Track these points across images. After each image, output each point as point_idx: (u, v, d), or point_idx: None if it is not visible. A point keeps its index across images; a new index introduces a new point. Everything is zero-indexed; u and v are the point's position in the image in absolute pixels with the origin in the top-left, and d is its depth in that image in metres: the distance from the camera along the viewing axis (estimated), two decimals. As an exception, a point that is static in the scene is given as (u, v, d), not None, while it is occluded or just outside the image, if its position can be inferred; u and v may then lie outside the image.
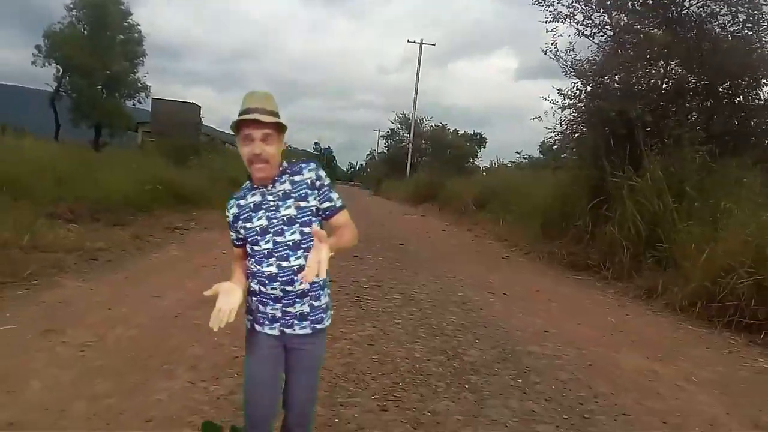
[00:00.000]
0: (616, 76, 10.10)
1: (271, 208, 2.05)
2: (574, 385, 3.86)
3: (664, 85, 10.23)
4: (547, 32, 10.30)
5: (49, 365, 3.62)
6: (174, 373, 3.61)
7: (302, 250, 2.01)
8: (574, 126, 10.66)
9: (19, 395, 3.17)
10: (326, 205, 2.09)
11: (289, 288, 2.03)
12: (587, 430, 3.19)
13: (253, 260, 2.08)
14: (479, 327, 5.16)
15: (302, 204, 2.05)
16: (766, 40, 9.64)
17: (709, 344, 5.28)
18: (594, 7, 10.68)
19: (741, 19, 9.68)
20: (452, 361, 4.14)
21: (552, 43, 10.25)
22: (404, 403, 3.30)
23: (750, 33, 9.57)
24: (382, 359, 4.03)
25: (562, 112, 10.41)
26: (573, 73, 10.23)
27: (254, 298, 2.11)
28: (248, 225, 2.07)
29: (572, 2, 10.60)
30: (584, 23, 10.71)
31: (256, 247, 2.06)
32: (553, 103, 10.56)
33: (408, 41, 39.03)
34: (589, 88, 10.27)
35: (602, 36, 10.79)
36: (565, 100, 10.27)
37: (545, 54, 10.33)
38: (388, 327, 4.90)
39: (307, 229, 2.03)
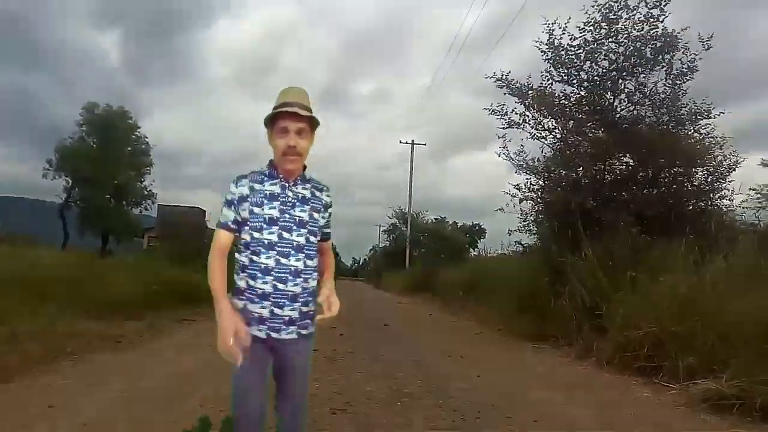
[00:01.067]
0: (563, 172, 12.18)
1: (288, 203, 2.19)
2: (480, 403, 5.51)
3: (607, 176, 12.28)
4: (498, 138, 12.51)
5: (100, 401, 5.30)
6: (177, 398, 5.26)
7: (303, 254, 2.17)
8: (530, 216, 12.63)
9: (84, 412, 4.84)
10: (327, 230, 2.34)
11: (280, 286, 2.12)
12: (474, 422, 4.82)
13: (249, 251, 2.16)
14: (425, 375, 6.84)
15: (315, 215, 2.24)
16: (689, 135, 11.81)
17: (611, 384, 6.90)
18: (544, 114, 12.96)
19: (665, 120, 11.88)
20: (393, 392, 5.82)
21: (503, 147, 12.43)
22: (347, 411, 4.97)
23: (674, 130, 11.71)
24: (340, 391, 5.70)
25: (519, 203, 12.39)
26: (525, 170, 12.32)
27: (241, 297, 2.19)
28: (257, 210, 2.15)
29: (523, 111, 12.88)
30: (536, 128, 12.95)
31: (257, 235, 2.15)
32: (513, 197, 12.60)
33: (400, 142, 42.22)
34: (540, 183, 12.34)
35: (552, 138, 13.00)
36: (520, 193, 12.30)
37: (498, 156, 12.50)
38: (351, 375, 6.58)
39: (312, 238, 2.22)
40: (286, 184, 2.20)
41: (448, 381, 6.54)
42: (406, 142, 42.12)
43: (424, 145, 44.52)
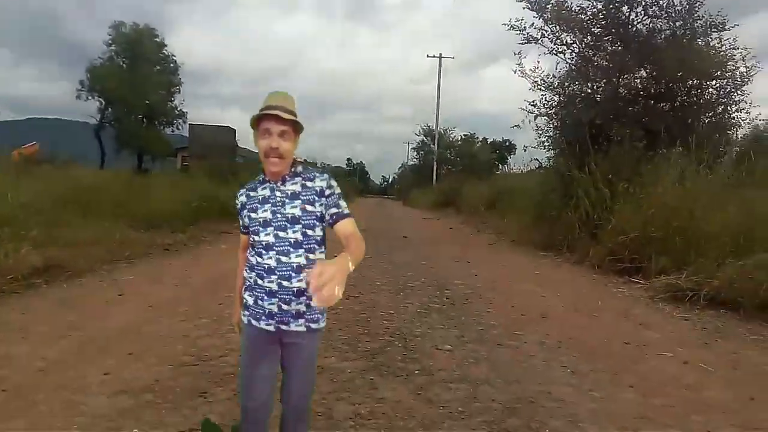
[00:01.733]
0: (579, 88, 12.85)
1: (278, 204, 2.28)
2: (471, 294, 6.78)
3: (622, 91, 12.90)
4: (514, 54, 13.13)
5: (160, 291, 6.71)
6: (221, 288, 6.62)
7: (303, 250, 2.24)
8: (546, 132, 13.43)
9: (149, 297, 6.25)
10: (333, 210, 2.27)
11: (285, 283, 2.22)
12: (461, 306, 6.08)
13: (254, 252, 2.32)
14: (430, 273, 8.15)
15: (308, 208, 2.27)
16: (705, 47, 12.26)
17: (593, 282, 8.09)
18: (563, 28, 13.43)
19: (680, 33, 12.32)
20: (399, 285, 7.16)
21: (518, 63, 13.08)
22: (359, 297, 6.28)
23: (686, 41, 12.15)
24: (354, 282, 7.01)
25: (534, 119, 13.19)
26: (540, 87, 13.02)
27: (250, 293, 2.33)
28: (253, 215, 2.31)
29: (542, 26, 13.38)
30: (554, 42, 13.46)
31: (256, 238, 2.29)
32: (529, 113, 13.37)
33: (427, 56, 41.97)
34: (556, 99, 13.06)
35: (570, 53, 13.54)
36: (535, 110, 13.07)
37: (514, 72, 13.16)
38: (365, 272, 7.90)
39: (310, 232, 2.26)
40: (274, 186, 2.31)
41: (449, 278, 7.81)
42: (434, 56, 41.95)
43: (452, 58, 44.52)
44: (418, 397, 3.53)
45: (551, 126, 13.46)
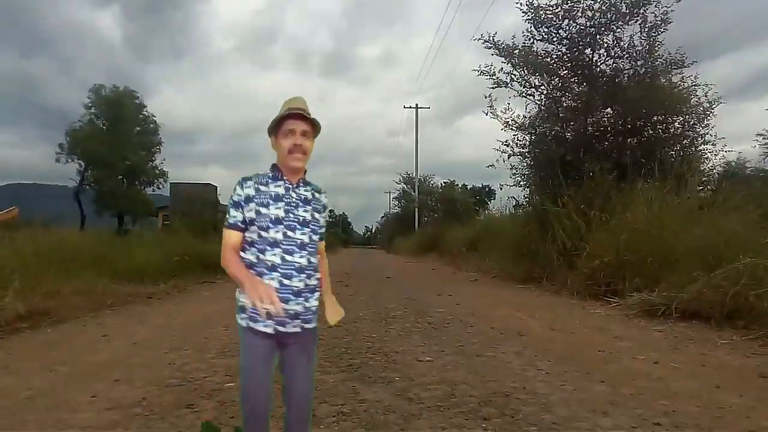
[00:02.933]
0: (548, 127, 13.37)
1: (292, 204, 2.33)
2: (452, 319, 6.95)
3: (590, 129, 13.44)
4: (485, 97, 13.68)
5: (144, 331, 6.79)
6: (205, 327, 6.73)
7: (306, 252, 2.32)
8: (519, 170, 13.89)
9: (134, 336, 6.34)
10: (323, 230, 2.49)
11: (286, 281, 2.25)
12: (442, 329, 6.25)
13: (255, 249, 2.30)
14: (412, 305, 8.32)
15: (316, 215, 2.41)
16: (666, 85, 12.89)
17: (571, 306, 8.29)
18: (530, 71, 14.05)
19: (642, 71, 12.96)
20: (381, 315, 7.30)
21: (489, 106, 13.62)
22: (341, 326, 6.41)
23: (648, 79, 12.78)
24: (337, 315, 7.15)
25: (508, 158, 13.64)
26: (512, 127, 13.53)
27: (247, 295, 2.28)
28: (263, 210, 2.30)
29: (510, 71, 13.97)
30: (523, 85, 14.06)
31: (263, 233, 2.29)
32: (503, 152, 13.83)
33: (404, 107, 43.13)
34: (527, 138, 13.56)
35: (539, 95, 14.12)
36: (508, 149, 13.55)
37: (486, 115, 13.69)
38: (347, 305, 7.96)
39: (314, 236, 2.37)
40: (290, 186, 2.35)
41: (430, 308, 7.99)
42: (410, 107, 43.12)
43: (428, 108, 45.74)
44: (398, 397, 3.69)
45: (524, 164, 13.94)
